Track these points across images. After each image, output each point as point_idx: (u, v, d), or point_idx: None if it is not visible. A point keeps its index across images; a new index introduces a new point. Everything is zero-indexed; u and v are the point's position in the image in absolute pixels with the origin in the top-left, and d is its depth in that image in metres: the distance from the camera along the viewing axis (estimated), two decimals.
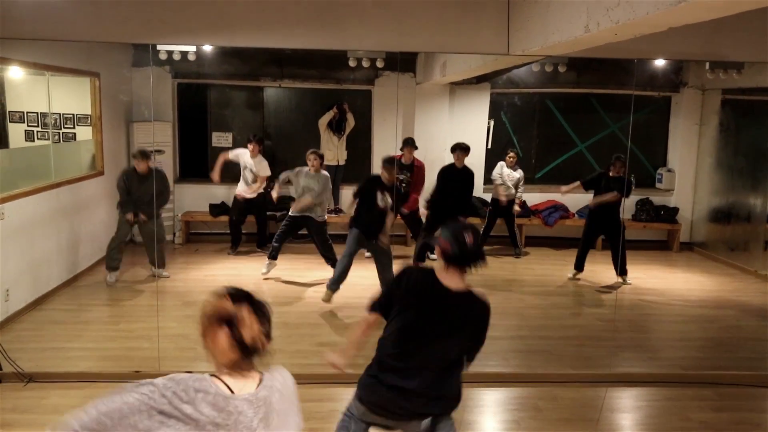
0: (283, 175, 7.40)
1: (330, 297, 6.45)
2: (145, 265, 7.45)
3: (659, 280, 8.01)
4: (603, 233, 7.74)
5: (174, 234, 8.89)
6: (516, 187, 8.57)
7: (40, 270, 6.50)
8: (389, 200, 6.36)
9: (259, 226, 8.66)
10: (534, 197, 9.41)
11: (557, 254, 8.82)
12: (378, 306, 2.98)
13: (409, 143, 7.97)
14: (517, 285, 7.68)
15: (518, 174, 8.59)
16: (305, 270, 7.69)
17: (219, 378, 1.89)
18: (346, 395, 4.79)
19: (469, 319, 2.87)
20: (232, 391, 1.86)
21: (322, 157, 7.28)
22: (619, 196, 7.15)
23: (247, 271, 7.77)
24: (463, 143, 7.65)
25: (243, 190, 8.34)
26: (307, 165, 7.16)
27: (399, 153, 7.82)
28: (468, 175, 7.59)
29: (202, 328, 1.93)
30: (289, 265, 7.54)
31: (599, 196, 7.32)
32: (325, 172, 7.28)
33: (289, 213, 7.28)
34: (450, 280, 2.82)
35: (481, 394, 4.88)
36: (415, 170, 7.90)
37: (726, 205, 9.22)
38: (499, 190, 8.53)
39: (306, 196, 7.09)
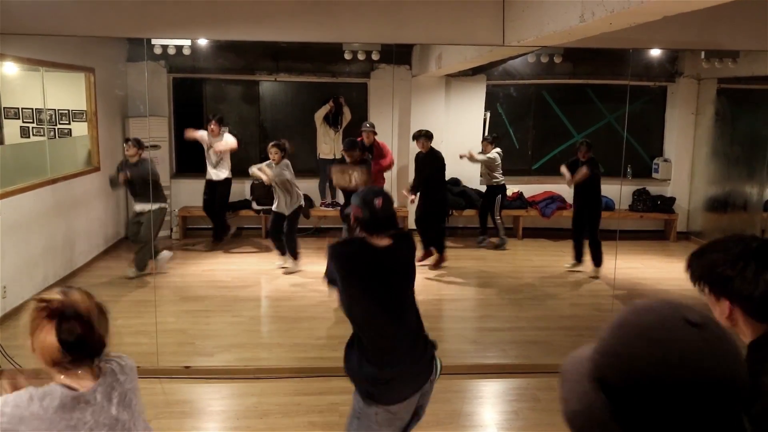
0: (252, 169, 7.40)
1: None
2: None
3: (656, 270, 8.03)
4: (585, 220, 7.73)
5: (171, 229, 8.88)
6: (490, 168, 8.54)
7: (37, 266, 6.49)
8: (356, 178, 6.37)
9: (215, 215, 8.48)
10: (531, 188, 9.42)
11: (554, 245, 8.83)
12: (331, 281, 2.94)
13: (368, 128, 8.08)
14: (515, 276, 7.69)
15: (486, 156, 8.50)
16: (303, 263, 7.70)
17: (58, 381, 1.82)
18: (344, 388, 4.82)
19: (405, 260, 2.91)
20: (74, 389, 1.80)
21: (282, 148, 7.22)
22: (587, 173, 7.28)
23: (244, 266, 7.77)
24: (425, 130, 7.71)
25: (210, 172, 8.35)
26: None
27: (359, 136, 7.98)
28: (434, 158, 7.64)
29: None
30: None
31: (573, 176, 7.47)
32: (286, 161, 7.25)
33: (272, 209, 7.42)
34: (378, 240, 2.81)
35: (480, 386, 4.90)
36: (375, 150, 7.98)
37: (722, 195, 9.24)
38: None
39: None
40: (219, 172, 8.30)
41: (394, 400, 2.80)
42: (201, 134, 8.26)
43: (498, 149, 8.57)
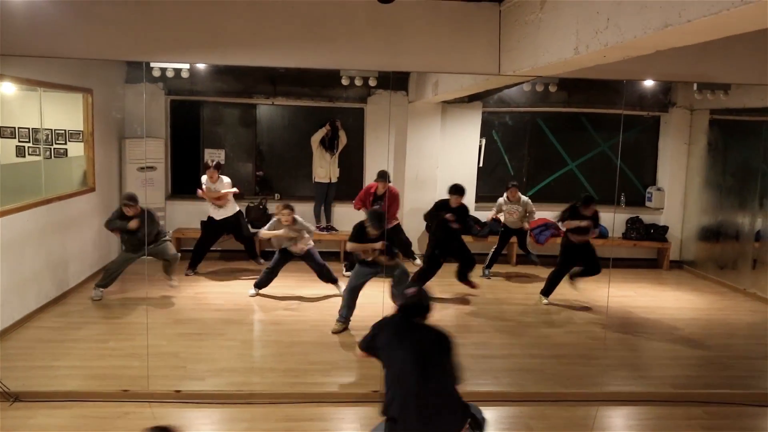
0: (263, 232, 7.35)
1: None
2: (135, 282, 7.41)
3: (649, 299, 8.04)
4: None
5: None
6: (523, 217, 8.61)
7: (29, 287, 6.46)
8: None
9: (246, 244, 8.54)
10: None
11: (548, 272, 8.83)
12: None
13: (383, 179, 8.10)
14: (508, 302, 7.68)
15: (521, 207, 8.57)
16: (297, 288, 7.68)
17: None
18: (336, 414, 4.79)
19: (441, 345, 3.39)
20: None
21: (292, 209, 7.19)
22: (590, 225, 7.23)
23: (237, 289, 7.74)
24: (461, 186, 7.51)
25: (215, 212, 8.22)
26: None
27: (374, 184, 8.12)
28: (463, 211, 7.53)
29: None
30: (280, 282, 7.51)
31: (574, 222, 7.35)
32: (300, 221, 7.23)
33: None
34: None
35: None
36: (390, 197, 8.01)
37: (715, 224, 9.30)
38: (505, 219, 8.66)
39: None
40: (226, 210, 8.23)
41: None
42: (205, 187, 8.16)
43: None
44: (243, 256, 8.76)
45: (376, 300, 4.88)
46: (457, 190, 7.45)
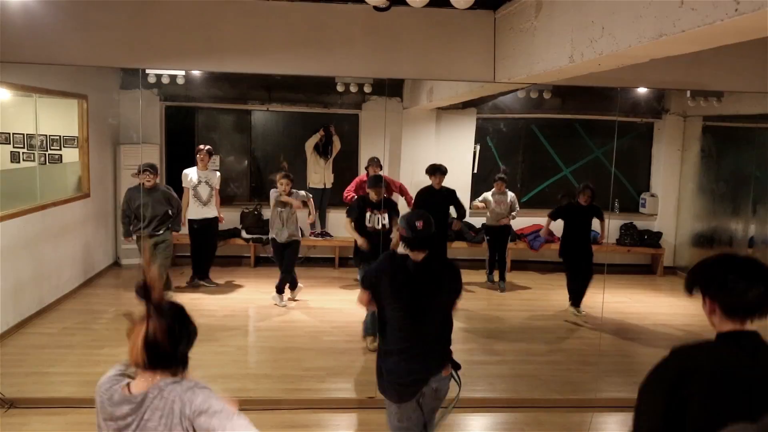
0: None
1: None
2: (129, 288, 7.37)
3: (643, 304, 8.08)
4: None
5: None
6: (509, 211, 8.45)
7: (24, 292, 6.44)
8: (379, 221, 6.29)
9: (206, 254, 8.06)
10: (519, 221, 9.47)
11: (543, 278, 8.87)
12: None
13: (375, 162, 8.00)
14: (503, 310, 7.70)
15: (508, 198, 8.44)
16: (288, 293, 7.68)
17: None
18: (332, 420, 4.79)
19: (437, 276, 3.34)
20: (130, 391, 1.96)
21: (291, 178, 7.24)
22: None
23: (232, 294, 7.73)
24: (438, 165, 7.48)
25: (196, 212, 7.78)
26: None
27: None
28: (449, 194, 7.50)
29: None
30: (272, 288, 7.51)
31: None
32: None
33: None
34: (415, 256, 3.31)
35: (467, 420, 4.88)
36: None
37: (708, 230, 9.35)
38: (488, 214, 8.53)
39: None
40: (207, 211, 7.88)
41: (396, 400, 3.28)
42: (186, 175, 7.86)
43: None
44: (236, 262, 8.75)
45: None
46: (434, 169, 7.27)
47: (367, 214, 6.21)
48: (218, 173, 8.11)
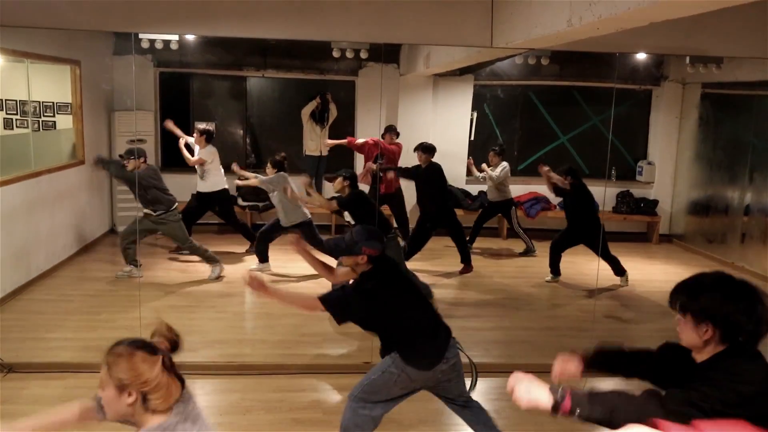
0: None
1: None
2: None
3: (638, 272, 8.11)
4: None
5: None
6: (503, 182, 8.34)
7: (20, 259, 6.44)
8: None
9: (231, 223, 8.13)
10: (516, 189, 9.46)
11: (539, 245, 8.87)
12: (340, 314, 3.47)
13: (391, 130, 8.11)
14: (499, 276, 7.74)
15: (497, 171, 8.24)
16: (288, 261, 7.69)
17: None
18: (328, 385, 4.84)
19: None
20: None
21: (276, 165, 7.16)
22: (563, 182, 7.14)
23: (228, 261, 7.74)
24: (426, 144, 7.44)
25: (197, 184, 7.79)
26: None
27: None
28: (436, 171, 7.39)
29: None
30: (272, 256, 7.53)
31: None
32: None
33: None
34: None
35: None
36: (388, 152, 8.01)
37: (704, 198, 9.36)
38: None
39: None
40: (205, 184, 7.80)
41: (420, 367, 3.41)
42: (190, 141, 7.86)
43: (505, 162, 8.34)
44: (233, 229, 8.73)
45: None
46: (423, 149, 7.33)
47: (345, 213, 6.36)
48: (210, 150, 7.80)
